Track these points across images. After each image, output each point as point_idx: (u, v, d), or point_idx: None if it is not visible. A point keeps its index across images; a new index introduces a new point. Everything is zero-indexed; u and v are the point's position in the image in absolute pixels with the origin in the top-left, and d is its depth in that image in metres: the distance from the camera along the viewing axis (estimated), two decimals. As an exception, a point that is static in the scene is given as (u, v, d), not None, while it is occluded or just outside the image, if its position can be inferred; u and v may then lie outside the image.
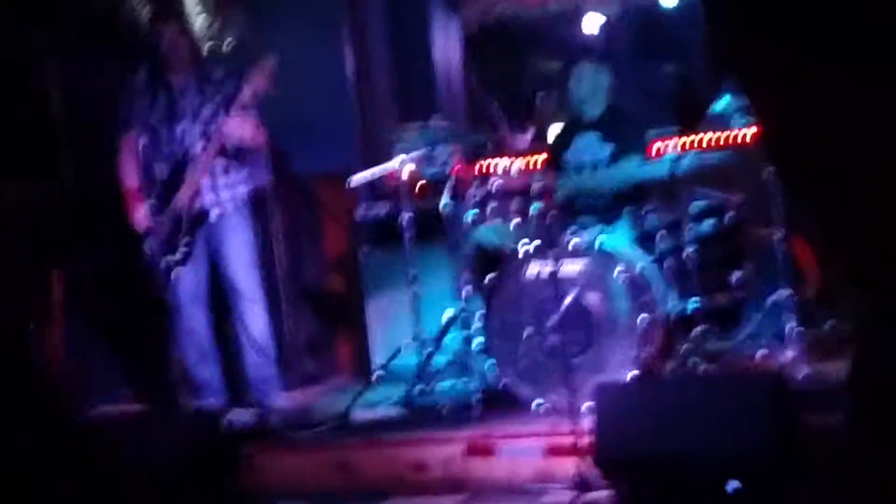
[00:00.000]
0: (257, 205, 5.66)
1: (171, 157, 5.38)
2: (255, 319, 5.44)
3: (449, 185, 5.49)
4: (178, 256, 5.34)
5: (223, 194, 5.41)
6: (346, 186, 5.95)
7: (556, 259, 4.81)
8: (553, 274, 4.80)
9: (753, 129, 5.38)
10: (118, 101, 5.49)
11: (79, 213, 6.27)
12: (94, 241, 6.21)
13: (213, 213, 5.39)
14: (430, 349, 5.48)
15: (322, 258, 6.49)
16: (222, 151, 5.35)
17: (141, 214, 5.41)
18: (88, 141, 5.94)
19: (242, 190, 5.47)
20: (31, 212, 6.23)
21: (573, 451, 4.27)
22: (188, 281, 5.38)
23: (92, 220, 6.21)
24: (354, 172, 5.93)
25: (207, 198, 5.38)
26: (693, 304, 5.07)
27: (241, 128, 5.30)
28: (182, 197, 5.31)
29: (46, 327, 6.26)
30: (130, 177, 5.46)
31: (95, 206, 6.10)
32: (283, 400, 5.53)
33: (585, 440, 4.19)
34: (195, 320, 5.45)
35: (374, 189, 6.36)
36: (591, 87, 5.57)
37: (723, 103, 5.10)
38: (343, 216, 6.40)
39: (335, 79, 6.61)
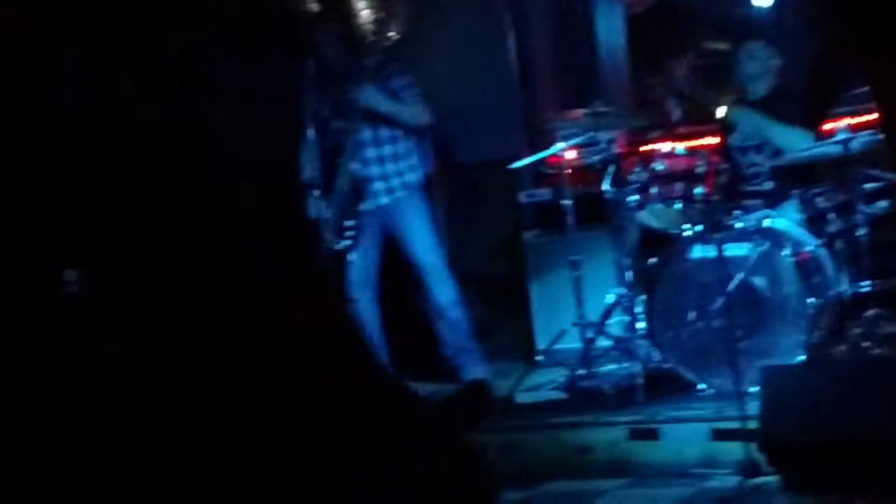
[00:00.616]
0: (425, 190, 5.75)
1: (337, 146, 5.53)
2: (444, 296, 5.53)
3: (611, 169, 5.47)
4: (346, 241, 5.48)
5: (394, 181, 5.52)
6: (510, 171, 5.99)
7: (722, 241, 4.74)
8: (719, 256, 4.73)
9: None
10: (292, 95, 5.63)
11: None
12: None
13: (385, 199, 5.51)
14: (592, 333, 5.48)
15: (486, 243, 6.55)
16: (371, 122, 5.45)
17: (314, 204, 5.56)
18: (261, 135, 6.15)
19: (413, 176, 5.57)
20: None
21: (738, 435, 4.21)
22: (357, 265, 5.52)
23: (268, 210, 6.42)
24: (518, 158, 5.97)
25: (377, 185, 5.50)
26: (865, 286, 4.92)
27: (375, 96, 5.38)
28: (342, 182, 5.45)
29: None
30: (306, 168, 5.63)
31: (272, 198, 6.31)
32: (483, 372, 5.59)
33: (751, 425, 4.13)
34: (363, 303, 5.58)
35: (537, 174, 6.38)
36: (760, 67, 5.45)
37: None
38: (507, 201, 6.45)
39: (498, 65, 6.64)
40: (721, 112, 5.78)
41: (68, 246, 3.29)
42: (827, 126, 5.37)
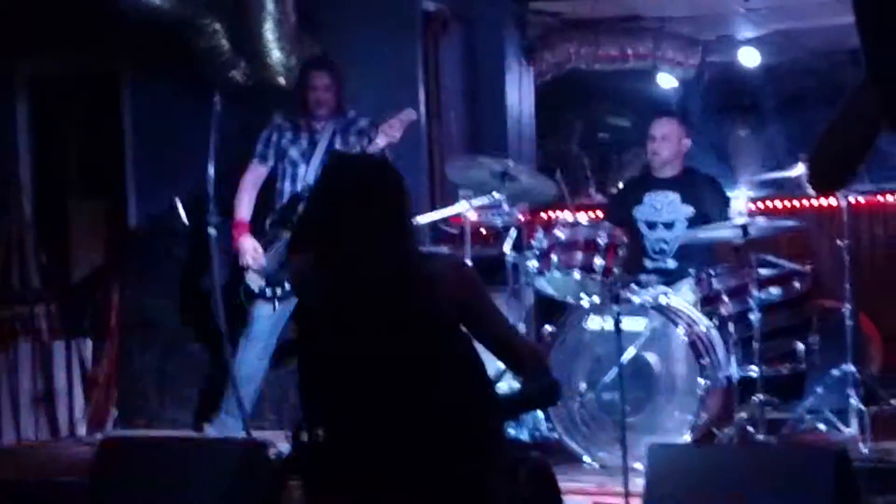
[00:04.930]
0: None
1: (295, 194, 5.43)
2: None
3: (512, 232, 5.44)
4: (278, 293, 5.34)
5: None
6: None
7: (618, 315, 4.73)
8: (613, 329, 4.72)
9: (829, 200, 5.28)
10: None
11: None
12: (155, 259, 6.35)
13: None
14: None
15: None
16: None
17: (248, 246, 5.40)
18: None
19: None
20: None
21: (622, 511, 4.17)
22: (275, 316, 5.38)
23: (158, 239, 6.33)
24: (419, 213, 5.91)
25: None
26: (754, 371, 4.96)
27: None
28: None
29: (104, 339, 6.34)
30: (243, 207, 5.47)
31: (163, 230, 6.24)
32: None
33: (635, 502, 4.09)
34: (256, 356, 5.43)
35: (437, 231, 6.32)
36: (672, 146, 5.49)
37: (799, 169, 5.01)
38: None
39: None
40: (625, 187, 5.81)
41: None
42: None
